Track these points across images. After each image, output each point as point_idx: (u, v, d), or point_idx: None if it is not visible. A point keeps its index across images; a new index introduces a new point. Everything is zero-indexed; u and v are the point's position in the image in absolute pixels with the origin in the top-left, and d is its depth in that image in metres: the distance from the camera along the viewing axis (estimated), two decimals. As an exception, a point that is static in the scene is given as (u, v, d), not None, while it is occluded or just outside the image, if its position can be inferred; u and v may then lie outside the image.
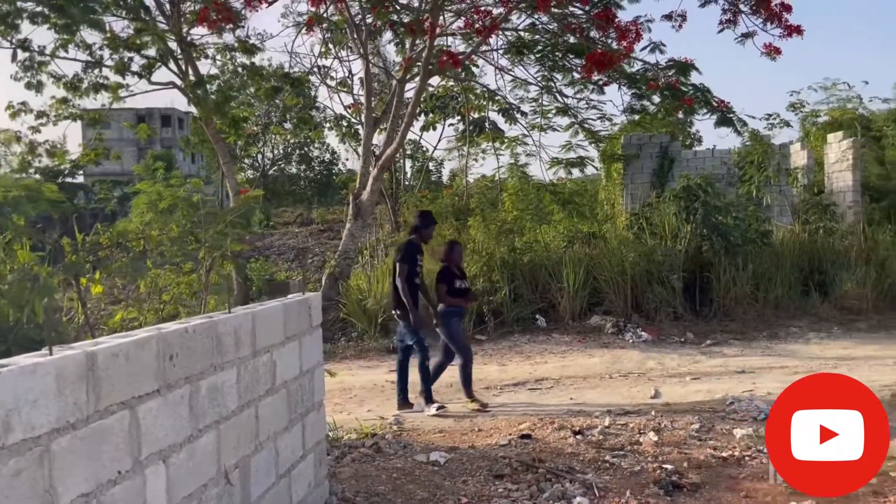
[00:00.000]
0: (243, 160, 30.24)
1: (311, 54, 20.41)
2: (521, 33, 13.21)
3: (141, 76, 11.90)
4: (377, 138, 14.18)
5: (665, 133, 16.87)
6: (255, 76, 13.12)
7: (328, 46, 14.20)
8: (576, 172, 16.17)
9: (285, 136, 29.25)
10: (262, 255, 20.08)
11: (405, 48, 13.68)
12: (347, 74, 15.38)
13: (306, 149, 35.31)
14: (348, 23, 12.80)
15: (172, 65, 11.94)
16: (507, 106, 15.52)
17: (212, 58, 12.78)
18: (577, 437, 5.81)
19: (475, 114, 17.97)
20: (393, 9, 11.90)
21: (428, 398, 7.12)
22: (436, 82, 16.13)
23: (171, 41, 11.57)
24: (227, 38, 12.51)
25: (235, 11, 11.24)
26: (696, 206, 12.60)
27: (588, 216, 15.43)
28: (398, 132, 12.68)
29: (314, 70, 14.52)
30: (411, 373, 7.39)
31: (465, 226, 13.68)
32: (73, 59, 12.05)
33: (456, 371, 7.43)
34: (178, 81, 12.10)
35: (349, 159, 35.17)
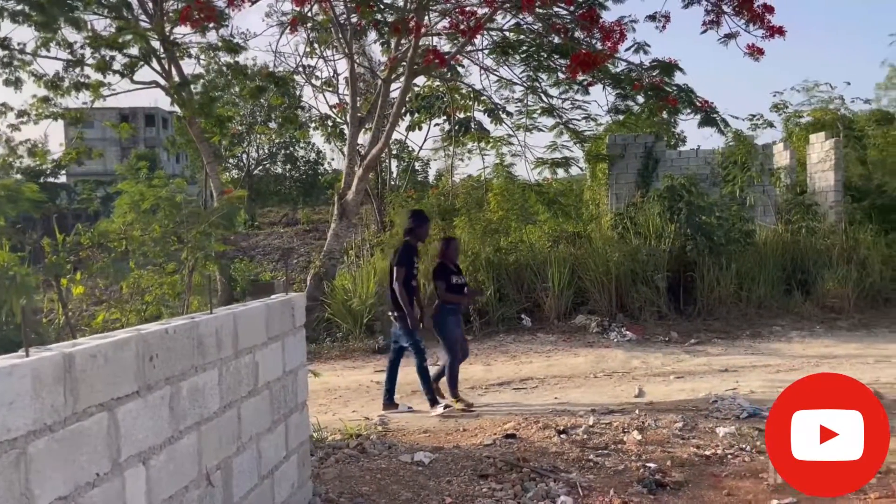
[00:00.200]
0: (228, 160, 30.09)
1: (295, 54, 20.35)
2: (506, 33, 13.23)
3: (123, 75, 11.78)
4: (362, 138, 14.13)
5: (649, 133, 16.96)
6: (240, 75, 13.04)
7: (313, 46, 14.14)
8: (561, 172, 16.22)
9: (270, 136, 29.14)
10: (246, 255, 20.00)
11: (390, 48, 13.65)
12: (332, 74, 15.36)
13: (291, 149, 35.21)
14: (333, 22, 12.74)
15: (155, 64, 11.84)
16: (492, 106, 15.52)
17: (195, 57, 12.68)
18: (562, 436, 5.82)
19: (461, 114, 17.96)
20: (377, 8, 11.86)
21: (432, 400, 7.07)
22: (421, 82, 16.12)
23: (153, 40, 11.47)
24: (211, 38, 12.43)
25: (218, 10, 11.16)
26: (680, 206, 12.68)
27: (573, 216, 15.49)
28: (383, 132, 12.65)
29: (299, 69, 14.45)
30: (401, 374, 7.37)
31: (450, 226, 13.69)
32: (53, 58, 11.94)
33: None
34: (161, 80, 12.01)
35: (334, 159, 35.08)
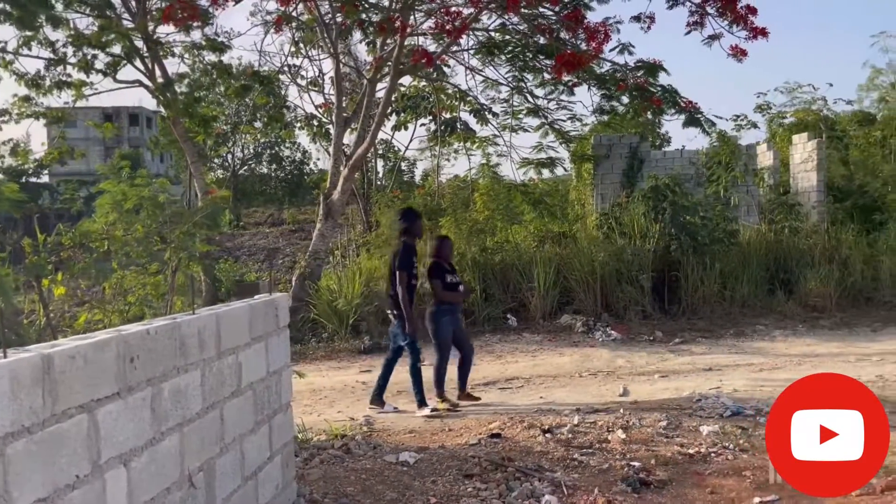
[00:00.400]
0: (213, 160, 29.91)
1: (281, 53, 20.27)
2: (491, 34, 13.25)
3: (106, 74, 11.69)
4: (348, 138, 14.12)
5: (634, 134, 17.03)
6: (224, 74, 12.97)
7: (298, 45, 14.09)
8: (546, 173, 16.28)
9: (255, 136, 29.01)
10: (231, 255, 19.90)
11: (376, 48, 13.64)
12: (318, 74, 15.27)
13: (277, 148, 35.06)
14: (318, 22, 12.72)
15: (139, 63, 11.75)
16: (478, 106, 15.54)
17: (179, 56, 12.59)
18: (547, 435, 5.84)
19: (446, 114, 17.96)
20: (363, 8, 11.84)
21: (421, 401, 7.06)
22: (407, 82, 16.11)
23: (136, 39, 11.38)
24: (195, 37, 12.36)
25: (202, 9, 11.09)
26: (665, 206, 12.74)
27: (559, 216, 15.53)
28: (369, 132, 12.63)
29: (284, 69, 14.40)
30: (393, 374, 7.35)
31: (437, 226, 13.68)
32: (35, 57, 11.81)
33: (475, 370, 7.45)
34: (144, 80, 11.92)
35: (320, 159, 34.97)
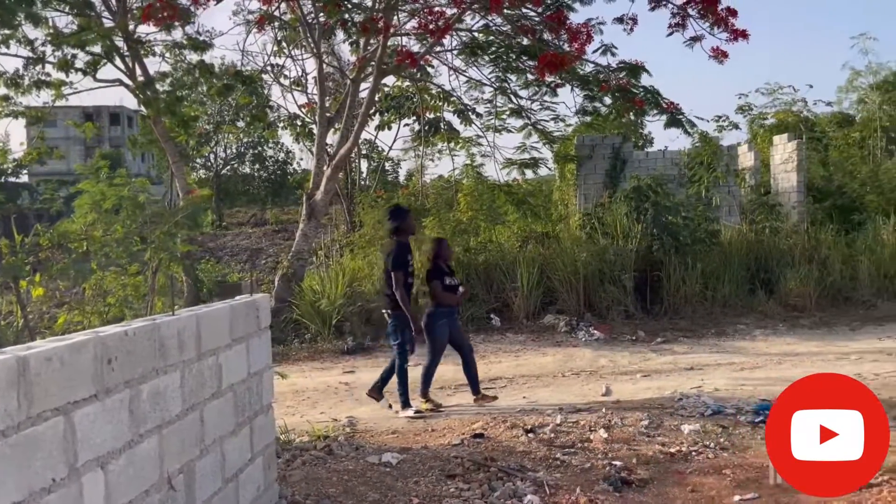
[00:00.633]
0: (195, 160, 29.72)
1: (263, 53, 20.17)
2: (475, 34, 13.27)
3: (86, 73, 11.57)
4: (331, 138, 14.07)
5: (617, 134, 17.12)
6: (207, 74, 12.89)
7: (281, 45, 14.04)
8: (530, 173, 16.35)
9: (238, 136, 28.87)
10: (214, 256, 19.79)
11: (359, 47, 13.61)
12: (301, 73, 15.23)
13: (260, 148, 34.94)
14: (301, 21, 12.67)
15: (119, 62, 11.64)
16: (462, 107, 15.57)
17: (160, 55, 12.49)
18: (529, 435, 5.85)
19: (430, 114, 17.97)
20: (345, 8, 11.81)
21: (405, 402, 7.04)
22: (391, 82, 16.10)
23: (117, 38, 11.27)
24: (176, 36, 12.26)
25: (182, 8, 11.01)
26: (647, 206, 12.81)
27: (542, 216, 15.58)
28: (352, 132, 12.62)
29: (267, 69, 14.34)
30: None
31: (420, 226, 13.68)
32: (13, 56, 11.67)
33: (460, 370, 7.44)
34: (125, 79, 11.82)
35: (303, 159, 34.88)
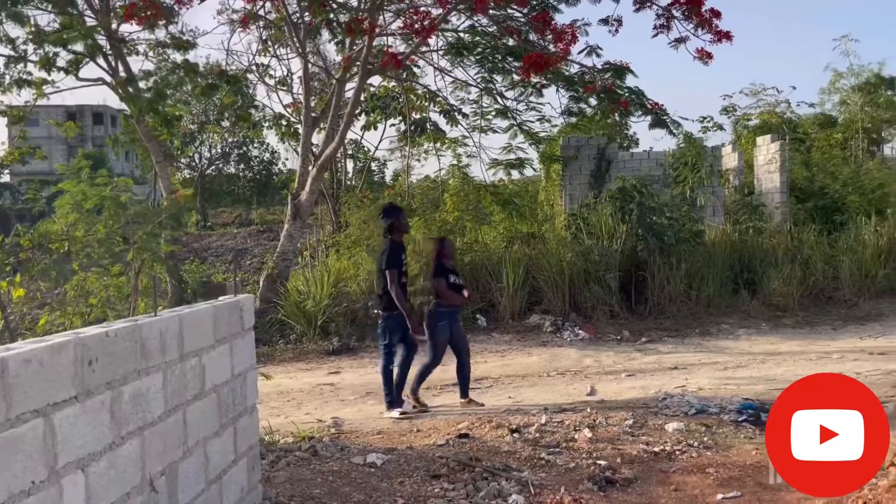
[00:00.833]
0: (180, 160, 29.52)
1: (248, 52, 20.05)
2: (460, 34, 13.27)
3: (68, 72, 11.47)
4: (317, 138, 14.03)
5: (602, 135, 17.18)
6: (191, 73, 12.81)
7: (266, 44, 13.98)
8: (515, 174, 16.35)
9: (223, 135, 28.71)
10: (198, 256, 19.67)
11: (345, 47, 13.58)
12: (286, 73, 15.18)
13: (245, 148, 34.73)
14: (286, 21, 12.62)
15: (102, 60, 11.55)
16: (448, 107, 15.56)
17: (143, 54, 12.40)
18: (514, 435, 5.86)
19: (416, 114, 17.95)
20: (330, 7, 11.78)
21: (390, 402, 7.02)
22: (376, 82, 16.07)
23: (100, 36, 11.18)
24: (160, 35, 12.18)
25: (165, 7, 10.94)
26: (632, 206, 12.87)
27: (528, 217, 15.61)
28: (338, 131, 12.58)
29: (252, 68, 14.27)
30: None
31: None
32: (-7, 54, 11.56)
33: (447, 370, 7.42)
34: (107, 78, 11.72)
35: (289, 159, 34.71)
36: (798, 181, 17.41)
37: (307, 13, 12.16)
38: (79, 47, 11.36)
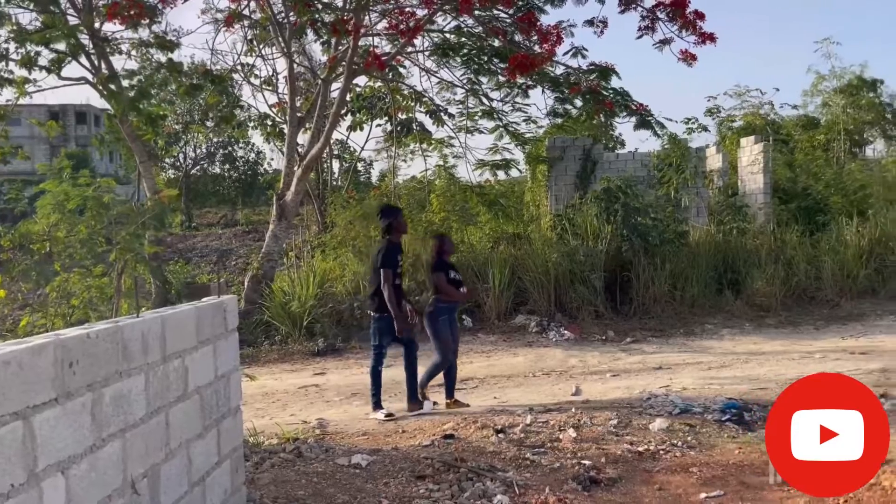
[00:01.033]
0: (164, 160, 29.33)
1: (233, 52, 19.98)
2: (446, 35, 13.28)
3: (50, 71, 11.38)
4: (302, 138, 14.00)
5: (588, 136, 17.24)
6: (175, 72, 12.74)
7: (251, 44, 13.92)
8: (501, 174, 16.39)
9: (207, 135, 28.56)
10: (183, 257, 19.56)
11: (330, 47, 13.56)
12: (272, 73, 15.12)
13: (230, 148, 34.58)
14: (271, 21, 12.58)
15: (84, 59, 11.45)
16: (434, 107, 15.56)
17: (126, 53, 12.31)
18: (500, 435, 5.87)
19: (403, 115, 17.94)
20: (315, 7, 11.75)
21: (376, 404, 6.99)
22: (363, 82, 16.05)
23: (82, 35, 11.09)
24: (143, 34, 12.10)
25: (149, 6, 10.87)
26: (617, 207, 12.93)
27: (513, 217, 15.63)
28: (323, 132, 12.55)
29: (237, 68, 14.21)
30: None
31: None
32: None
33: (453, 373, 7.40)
34: (90, 77, 11.63)
35: (274, 159, 34.59)
36: (781, 182, 17.55)
37: (292, 13, 12.12)
38: (61, 46, 11.27)
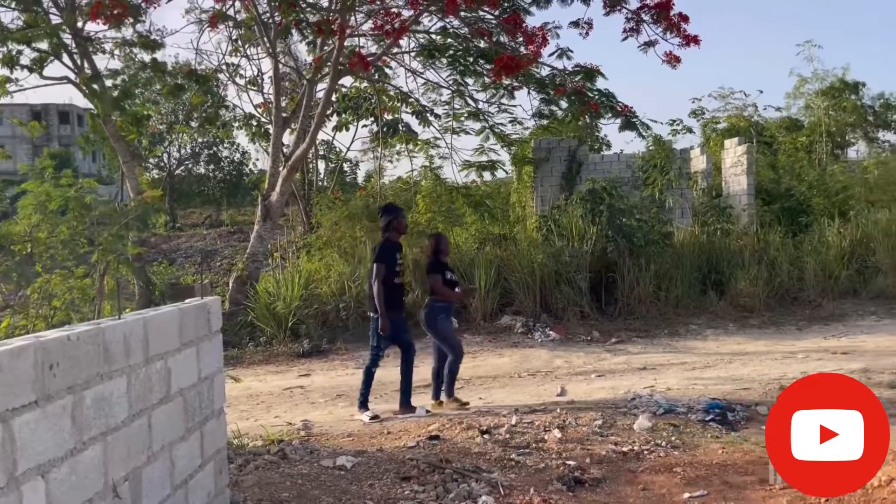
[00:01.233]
0: (148, 160, 29.14)
1: (218, 52, 19.87)
2: (432, 36, 13.28)
3: (31, 70, 11.26)
4: (287, 138, 13.94)
5: (573, 137, 17.30)
6: (159, 72, 12.65)
7: (236, 44, 13.87)
8: (487, 175, 16.42)
9: (192, 136, 28.39)
10: (167, 258, 19.42)
11: (316, 48, 13.52)
12: (257, 73, 15.06)
13: (215, 149, 34.40)
14: (256, 21, 12.53)
15: (67, 59, 11.35)
16: (420, 108, 15.57)
17: (110, 53, 12.21)
18: (485, 436, 5.87)
19: (389, 115, 17.93)
20: (300, 8, 11.71)
21: (363, 404, 6.97)
22: (348, 83, 16.02)
23: (65, 35, 10.99)
24: (127, 33, 12.01)
25: (132, 6, 10.79)
26: (602, 208, 12.98)
27: (499, 218, 15.66)
28: (309, 132, 12.51)
29: (222, 68, 14.13)
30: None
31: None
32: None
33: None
34: (72, 76, 11.52)
35: (259, 159, 34.44)
36: (764, 183, 17.69)
37: (277, 13, 12.08)
38: (43, 45, 11.17)
